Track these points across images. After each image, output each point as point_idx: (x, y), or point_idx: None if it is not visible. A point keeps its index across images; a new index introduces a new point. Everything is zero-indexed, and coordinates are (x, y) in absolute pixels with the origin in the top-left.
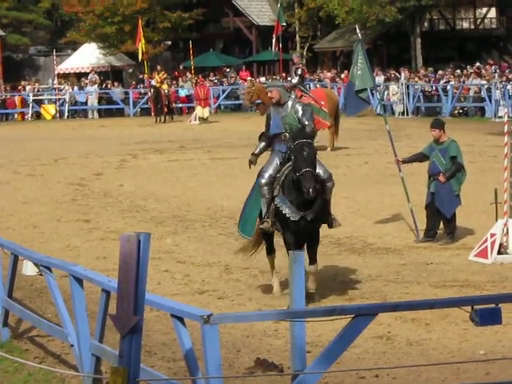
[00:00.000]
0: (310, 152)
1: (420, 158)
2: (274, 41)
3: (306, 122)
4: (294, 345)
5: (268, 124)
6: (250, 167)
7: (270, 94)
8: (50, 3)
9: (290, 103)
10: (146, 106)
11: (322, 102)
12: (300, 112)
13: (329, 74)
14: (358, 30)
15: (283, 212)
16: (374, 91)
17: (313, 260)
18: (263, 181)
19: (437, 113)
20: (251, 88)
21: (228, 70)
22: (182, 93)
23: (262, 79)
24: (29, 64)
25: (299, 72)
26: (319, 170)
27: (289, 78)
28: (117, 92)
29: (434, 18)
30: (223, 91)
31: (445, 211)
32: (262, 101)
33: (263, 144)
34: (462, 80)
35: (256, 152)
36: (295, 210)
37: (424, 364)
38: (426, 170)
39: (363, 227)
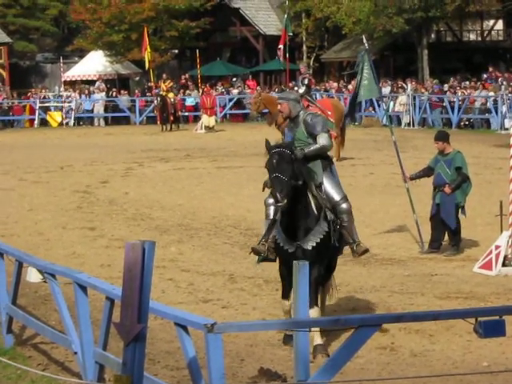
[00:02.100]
0: (281, 159)
1: (427, 172)
2: (280, 50)
3: (320, 134)
4: (298, 354)
5: None
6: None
7: (279, 107)
8: (58, 10)
9: (300, 116)
10: (152, 114)
11: (329, 112)
12: (310, 125)
13: (335, 84)
14: (364, 40)
15: (277, 241)
16: (380, 102)
17: (312, 302)
18: (270, 200)
19: (444, 124)
20: (258, 98)
21: (234, 79)
22: (189, 101)
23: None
24: (36, 71)
25: (306, 82)
26: (330, 190)
27: (295, 88)
28: (123, 100)
29: (441, 29)
30: (230, 100)
31: (450, 223)
32: (269, 110)
33: None
34: (468, 92)
35: None
36: (287, 239)
37: (427, 375)
38: (432, 182)
39: (368, 237)
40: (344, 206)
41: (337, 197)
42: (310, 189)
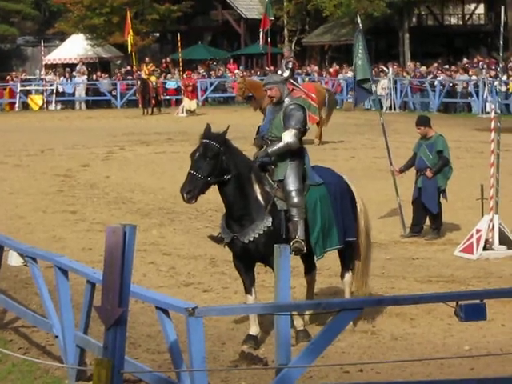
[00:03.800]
0: (203, 153)
1: (414, 160)
2: (261, 35)
3: (289, 130)
4: (279, 338)
5: None
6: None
7: (269, 93)
8: None
9: (285, 103)
10: (133, 97)
11: (313, 96)
12: (286, 115)
13: (316, 68)
14: (359, 21)
15: (219, 232)
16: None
17: (247, 289)
18: None
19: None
20: (243, 83)
21: (215, 63)
22: (171, 85)
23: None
24: (16, 54)
25: (290, 65)
26: (288, 179)
27: (279, 72)
28: (104, 83)
29: (423, 13)
30: (211, 84)
31: (431, 207)
32: (253, 95)
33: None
34: (449, 75)
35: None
36: (226, 230)
37: (408, 359)
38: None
39: None
40: (295, 199)
41: (291, 187)
42: (255, 179)
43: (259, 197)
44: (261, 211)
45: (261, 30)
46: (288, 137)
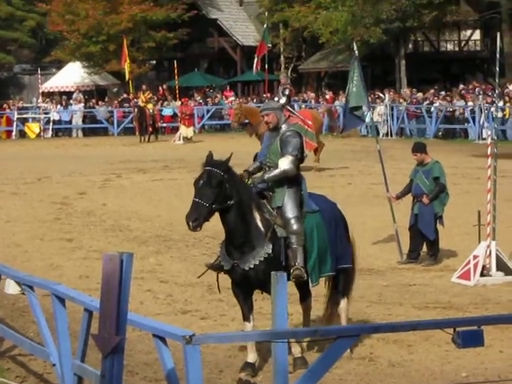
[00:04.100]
0: (207, 181)
1: (411, 186)
2: (255, 60)
3: (285, 156)
4: (277, 366)
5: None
6: None
7: (266, 119)
8: (35, 22)
9: (282, 129)
10: (130, 125)
11: (310, 122)
12: (283, 142)
13: (313, 95)
14: (355, 47)
15: (219, 259)
16: (365, 111)
17: (245, 316)
18: None
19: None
20: (239, 109)
21: (211, 90)
22: (167, 112)
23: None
24: (13, 82)
25: (287, 92)
26: (286, 207)
27: (275, 99)
28: (101, 111)
29: (419, 39)
30: (207, 111)
31: (428, 233)
32: (249, 122)
33: (257, 164)
34: (449, 101)
35: (249, 170)
36: (226, 257)
37: None
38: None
39: None
40: (295, 226)
41: (290, 214)
42: (255, 206)
43: (259, 224)
44: (261, 238)
45: (256, 55)
46: (285, 164)
